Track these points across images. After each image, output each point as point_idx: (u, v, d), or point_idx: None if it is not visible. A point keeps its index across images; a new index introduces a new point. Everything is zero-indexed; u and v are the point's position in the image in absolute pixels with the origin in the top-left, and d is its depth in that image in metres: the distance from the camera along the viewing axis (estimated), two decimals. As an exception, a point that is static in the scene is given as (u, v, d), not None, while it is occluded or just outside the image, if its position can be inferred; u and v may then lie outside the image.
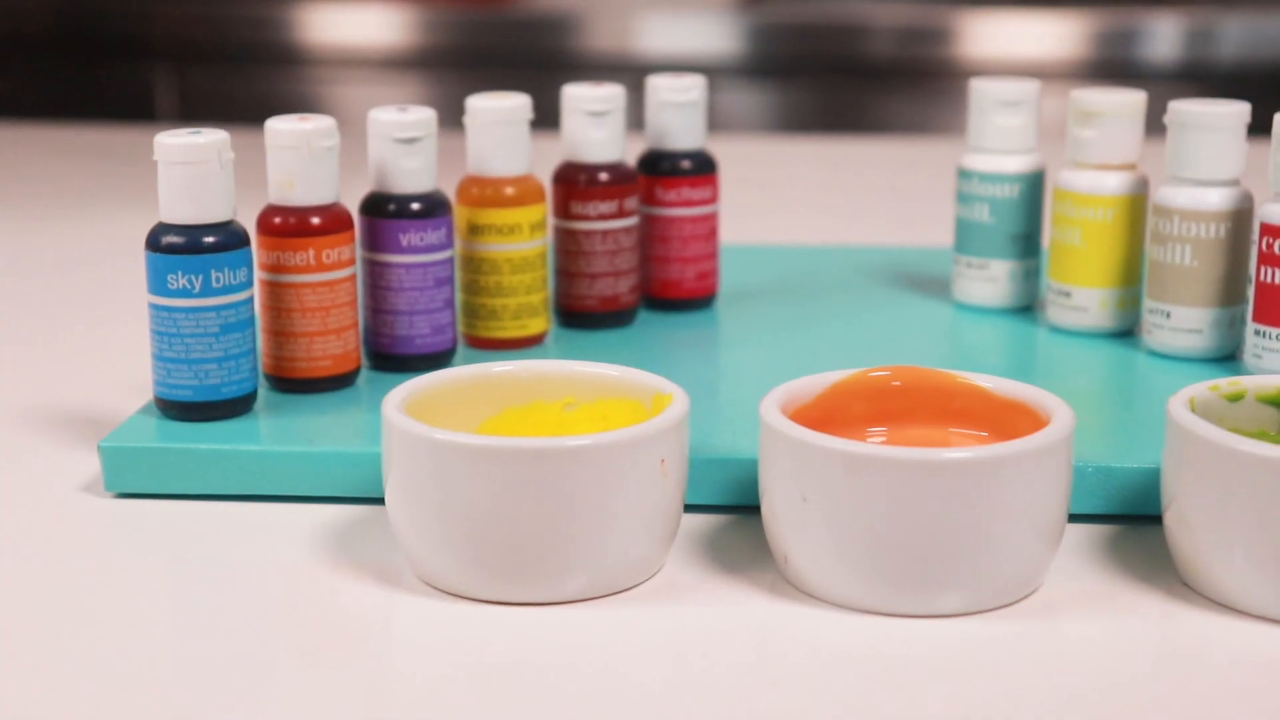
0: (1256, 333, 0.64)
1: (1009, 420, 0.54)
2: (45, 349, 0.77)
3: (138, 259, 0.80)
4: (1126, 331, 0.70)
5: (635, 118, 0.75)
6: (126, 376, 0.69)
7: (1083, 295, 0.69)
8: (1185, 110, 0.65)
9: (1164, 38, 1.72)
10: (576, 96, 0.69)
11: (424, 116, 0.64)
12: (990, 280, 0.72)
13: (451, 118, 0.73)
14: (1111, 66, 1.73)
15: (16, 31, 1.85)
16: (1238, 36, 1.71)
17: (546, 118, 0.74)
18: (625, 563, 0.51)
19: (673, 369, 0.67)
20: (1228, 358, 0.66)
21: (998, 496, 0.49)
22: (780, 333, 0.71)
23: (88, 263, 0.93)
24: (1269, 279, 0.63)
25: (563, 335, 0.70)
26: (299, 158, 0.61)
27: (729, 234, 0.92)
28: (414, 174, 0.64)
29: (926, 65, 1.76)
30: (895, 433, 0.55)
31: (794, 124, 1.80)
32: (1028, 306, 0.73)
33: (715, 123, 1.78)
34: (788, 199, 1.10)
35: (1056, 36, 1.75)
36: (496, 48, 1.80)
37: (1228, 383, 0.54)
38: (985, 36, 1.76)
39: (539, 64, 1.79)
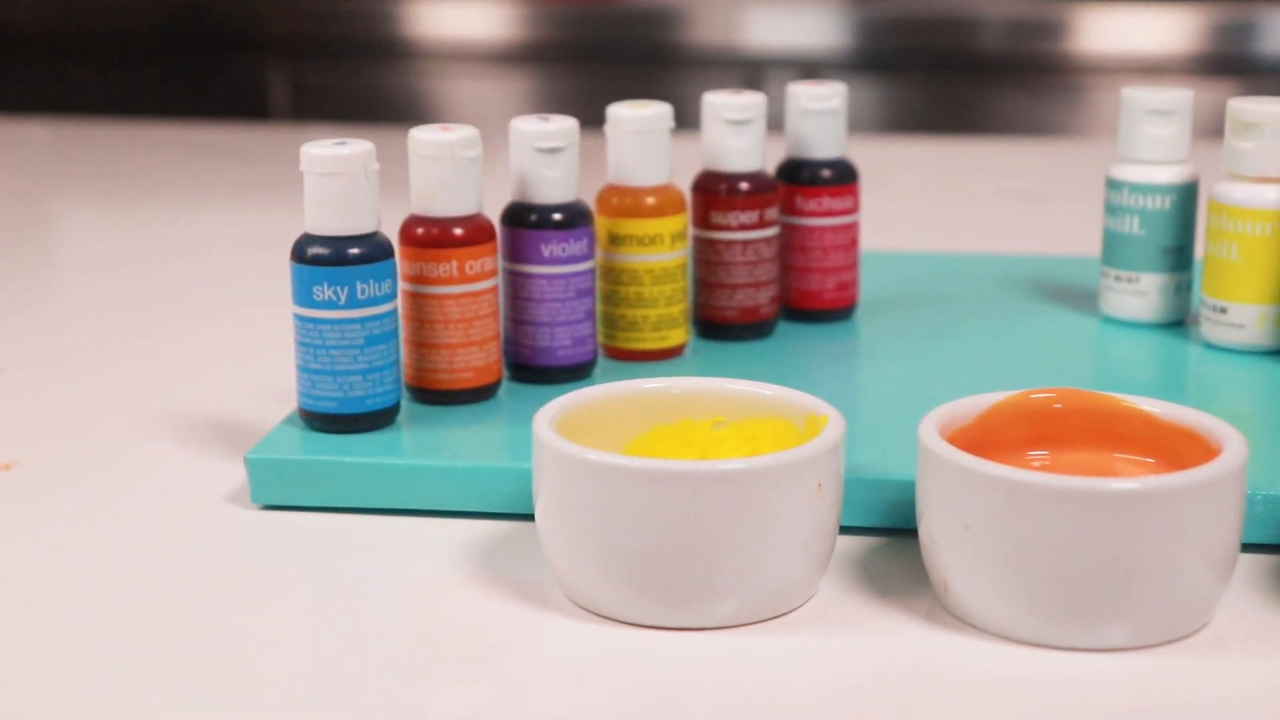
0: None
1: (1176, 447, 0.52)
2: (179, 353, 0.77)
3: (268, 259, 0.80)
4: (1286, 349, 0.68)
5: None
6: (265, 382, 0.69)
7: (1239, 311, 0.67)
8: (1353, 122, 0.63)
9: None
10: (717, 104, 0.68)
11: (566, 126, 0.63)
12: (1140, 294, 0.71)
13: (560, 111, 0.72)
14: (1229, 61, 1.70)
15: (131, 28, 1.87)
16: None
17: None
18: (779, 587, 0.50)
19: (814, 383, 0.66)
20: (1393, 378, 0.64)
21: (1169, 528, 0.47)
22: (922, 345, 0.69)
23: (216, 262, 0.93)
24: None
25: (701, 346, 0.69)
26: (442, 168, 0.60)
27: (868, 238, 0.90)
28: (555, 184, 0.63)
29: (1039, 60, 1.73)
30: (1057, 457, 0.54)
31: (904, 120, 1.78)
32: (1179, 321, 0.71)
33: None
34: (909, 202, 1.08)
35: (1173, 30, 1.72)
36: (603, 42, 1.80)
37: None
38: (1099, 30, 1.73)
39: (646, 58, 1.78)
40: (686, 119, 0.73)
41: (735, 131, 0.68)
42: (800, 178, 0.71)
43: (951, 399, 0.55)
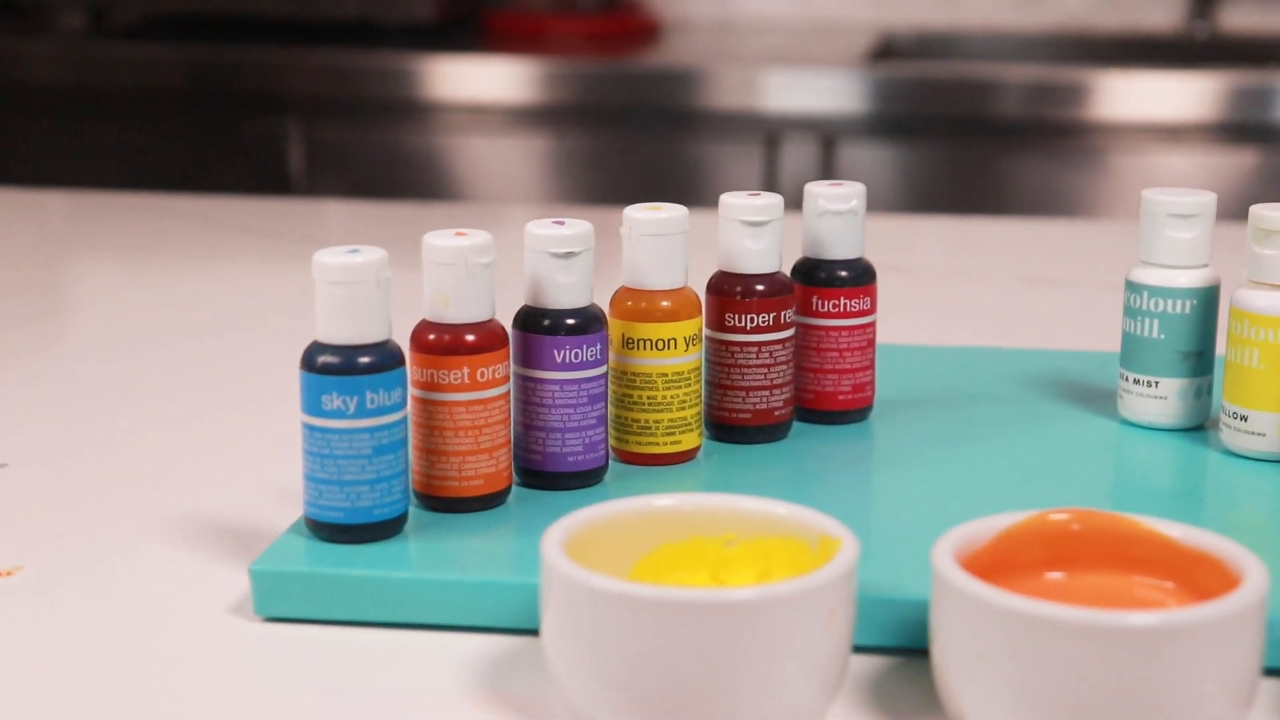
0: None
1: (1195, 572, 0.51)
2: (189, 448, 0.76)
3: (285, 349, 0.79)
4: (1308, 458, 0.67)
5: (766, 181, 0.73)
6: (277, 482, 0.68)
7: (1260, 420, 0.66)
8: (1376, 232, 0.62)
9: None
10: (734, 206, 0.67)
11: (581, 231, 0.62)
12: (1160, 399, 0.70)
13: (577, 173, 0.71)
14: (1247, 128, 1.69)
15: (151, 86, 1.87)
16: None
17: (680, 181, 0.72)
18: (788, 714, 0.49)
19: (828, 489, 0.66)
20: None
21: (1188, 663, 0.46)
22: (939, 450, 0.69)
23: (232, 344, 0.93)
24: None
25: (714, 449, 0.69)
26: (455, 275, 0.60)
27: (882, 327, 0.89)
28: (570, 289, 0.62)
29: (1057, 124, 1.73)
30: (1074, 580, 0.53)
31: (922, 184, 1.78)
32: (1199, 426, 0.70)
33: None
34: (925, 286, 1.07)
35: (1192, 95, 1.71)
36: (623, 103, 1.80)
37: None
38: (1118, 95, 1.72)
39: (665, 120, 1.78)
40: (704, 186, 0.73)
41: (752, 234, 0.67)
42: (817, 278, 0.70)
43: (967, 510, 0.54)
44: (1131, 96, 1.73)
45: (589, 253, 0.63)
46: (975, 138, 1.76)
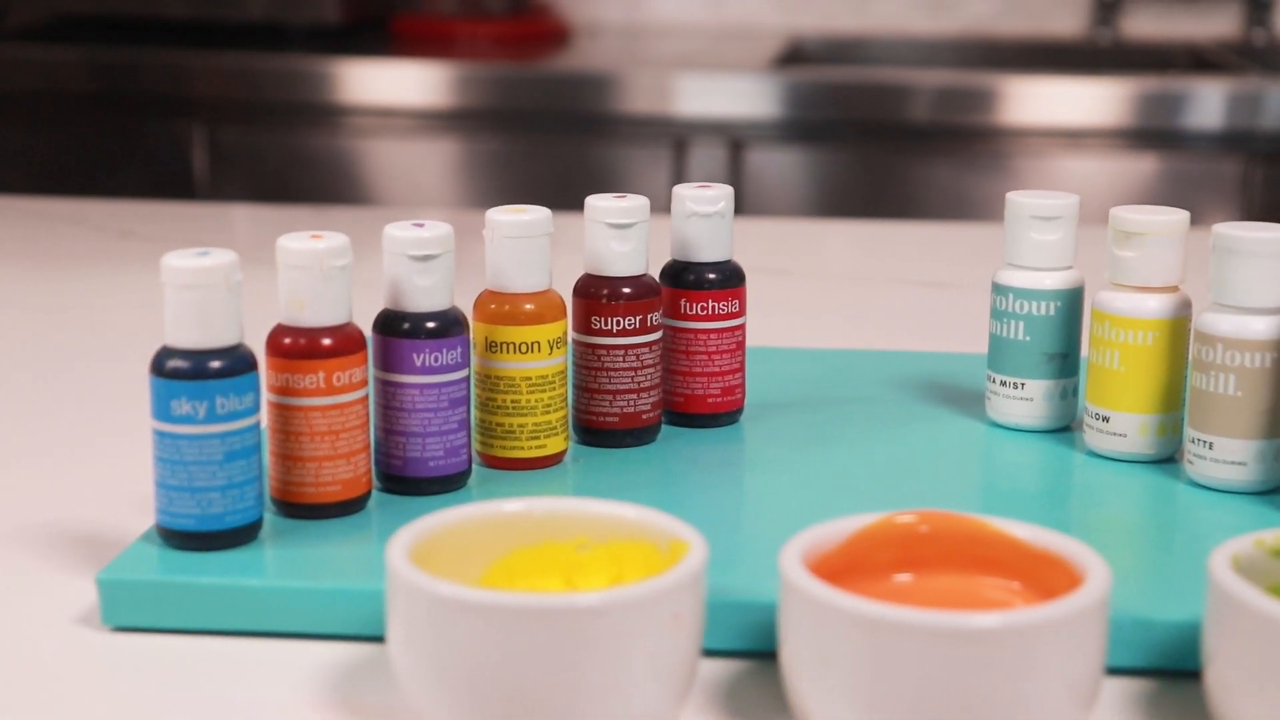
0: (1304, 469, 0.61)
1: (1042, 573, 0.51)
2: (42, 453, 0.75)
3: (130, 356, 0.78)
4: (1168, 458, 0.67)
5: (678, 178, 0.73)
6: (126, 489, 0.67)
7: (1121, 420, 0.67)
8: (1230, 235, 0.62)
9: (1206, 104, 1.70)
10: (599, 209, 0.67)
11: (440, 233, 0.62)
12: (1025, 400, 0.70)
13: (487, 178, 0.71)
14: (1150, 133, 1.71)
15: (52, 89, 1.85)
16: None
17: (589, 184, 0.72)
18: (636, 719, 0.48)
19: (694, 492, 0.65)
20: (1273, 490, 0.64)
21: (1030, 662, 0.46)
22: (808, 452, 0.69)
23: (104, 353, 0.92)
24: (1317, 414, 0.60)
25: (582, 453, 0.68)
26: (310, 278, 0.59)
27: (757, 329, 0.89)
28: (429, 291, 0.62)
29: (965, 129, 1.74)
30: (922, 582, 0.53)
31: (831, 188, 1.78)
32: (1065, 427, 0.71)
33: (752, 186, 1.76)
34: (819, 290, 1.07)
35: (1096, 101, 1.73)
36: (532, 107, 1.79)
37: (1273, 537, 0.52)
38: (1024, 100, 1.74)
39: (574, 124, 1.77)
40: (614, 190, 0.73)
41: (618, 236, 0.67)
42: (686, 281, 0.70)
43: (831, 513, 0.54)
44: (1037, 102, 1.74)
45: (449, 255, 0.62)
46: (884, 142, 1.77)
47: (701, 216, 0.69)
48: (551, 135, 1.79)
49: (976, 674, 0.46)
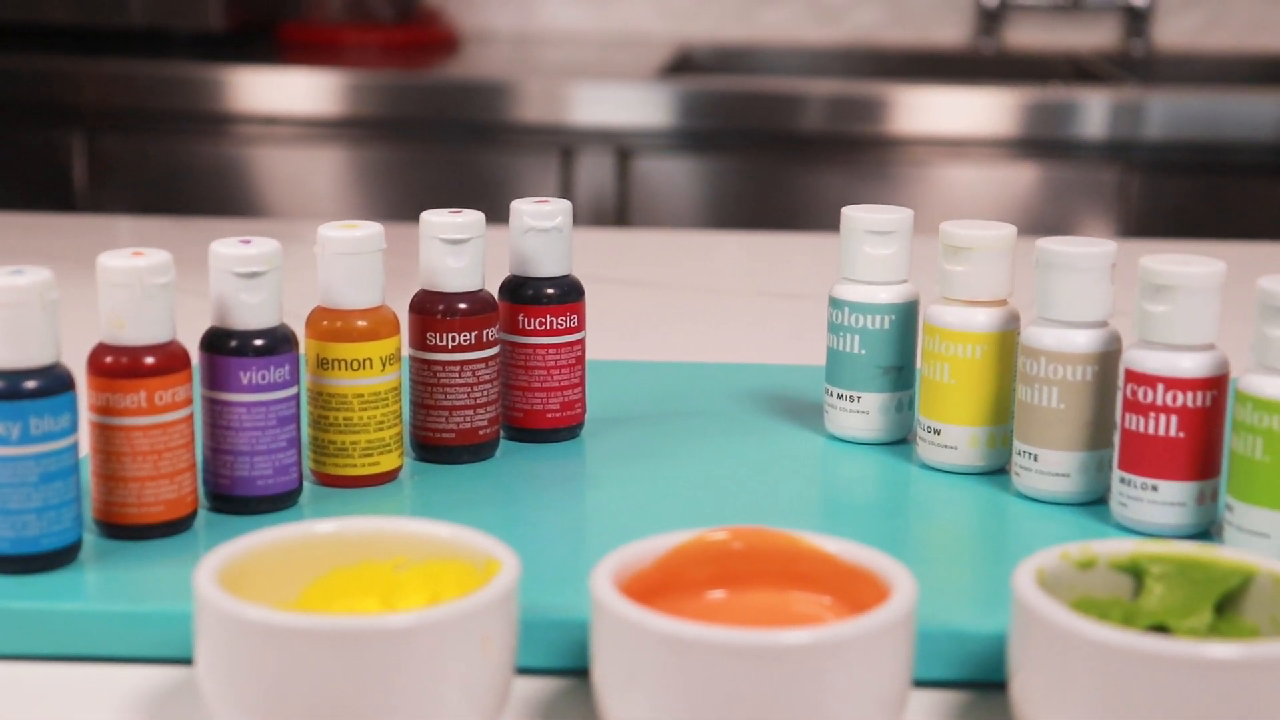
0: (1122, 480, 0.62)
1: (853, 587, 0.52)
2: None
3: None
4: (999, 470, 0.68)
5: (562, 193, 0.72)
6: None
7: (952, 433, 0.67)
8: (1052, 250, 0.63)
9: (1087, 114, 1.72)
10: (433, 224, 0.67)
11: (267, 250, 0.61)
12: (862, 413, 0.71)
13: (375, 186, 0.71)
14: (1035, 142, 1.73)
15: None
16: (1163, 114, 1.71)
17: (478, 193, 0.72)
18: (446, 741, 0.48)
19: (530, 508, 0.65)
20: (1097, 501, 0.65)
21: (835, 678, 0.47)
22: (647, 466, 0.69)
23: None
24: (1134, 426, 0.61)
25: (419, 469, 0.68)
26: (130, 296, 0.58)
27: (618, 342, 0.90)
28: (256, 309, 0.61)
29: (854, 138, 1.76)
30: (735, 599, 0.53)
31: (720, 197, 1.79)
32: (903, 439, 0.72)
33: (640, 195, 1.76)
34: (690, 303, 1.08)
35: (981, 110, 1.75)
36: (421, 115, 1.78)
37: (1079, 549, 0.52)
38: (912, 110, 1.75)
39: (463, 132, 1.77)
40: (503, 199, 0.73)
41: (453, 251, 0.67)
42: (524, 296, 0.70)
43: (666, 527, 0.54)
44: (924, 111, 1.76)
45: (277, 272, 0.62)
46: (772, 151, 1.78)
47: (539, 231, 0.70)
48: (441, 144, 1.79)
49: (780, 690, 0.46)
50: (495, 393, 0.69)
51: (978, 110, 1.76)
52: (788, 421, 0.74)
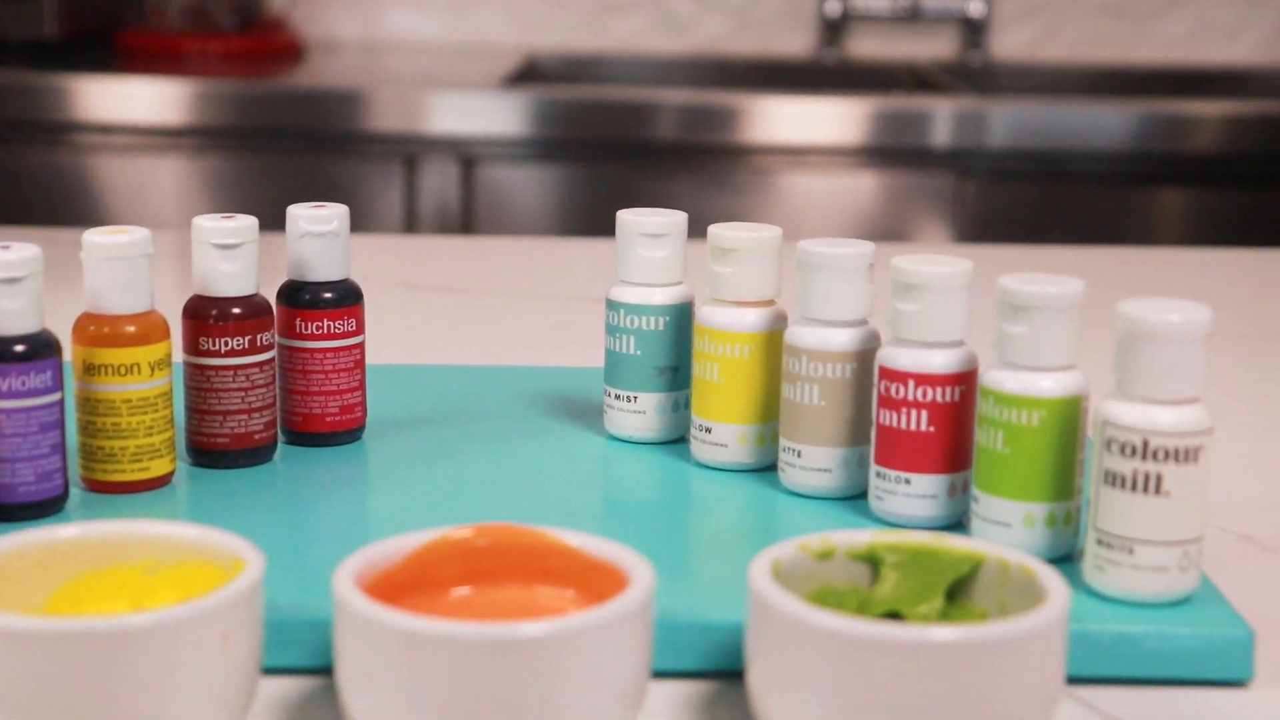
0: (878, 474, 0.64)
1: (595, 580, 0.53)
2: None
3: None
4: (769, 467, 0.70)
5: (406, 203, 0.72)
6: None
7: (722, 431, 0.69)
8: (812, 251, 0.65)
9: (927, 123, 1.76)
10: (205, 229, 0.67)
11: (27, 255, 0.61)
12: (639, 413, 0.72)
13: (216, 195, 0.70)
14: (882, 151, 1.76)
15: None
16: (1002, 124, 1.75)
17: (320, 200, 0.72)
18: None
19: (303, 512, 0.66)
20: (859, 496, 0.67)
21: (570, 668, 0.47)
22: (427, 468, 0.69)
23: None
24: (888, 422, 0.63)
25: (195, 474, 0.68)
26: (-119, 302, 0.58)
27: (416, 349, 0.90)
28: (16, 315, 0.61)
29: (703, 147, 1.77)
30: (480, 595, 0.54)
31: (568, 206, 1.80)
32: (681, 438, 0.73)
33: (485, 203, 1.77)
34: (479, 307, 1.09)
35: (826, 120, 1.78)
36: (265, 124, 1.77)
37: (818, 540, 0.54)
38: (759, 119, 1.78)
39: (308, 141, 1.76)
40: (351, 206, 0.73)
41: (225, 256, 0.67)
42: (301, 301, 0.70)
43: (445, 524, 0.54)
44: (772, 120, 1.78)
45: (36, 278, 0.61)
46: (621, 160, 1.79)
47: (315, 236, 0.70)
48: (285, 153, 1.78)
49: (516, 683, 0.47)
50: (271, 397, 0.69)
51: (823, 119, 1.78)
52: (569, 422, 0.75)
